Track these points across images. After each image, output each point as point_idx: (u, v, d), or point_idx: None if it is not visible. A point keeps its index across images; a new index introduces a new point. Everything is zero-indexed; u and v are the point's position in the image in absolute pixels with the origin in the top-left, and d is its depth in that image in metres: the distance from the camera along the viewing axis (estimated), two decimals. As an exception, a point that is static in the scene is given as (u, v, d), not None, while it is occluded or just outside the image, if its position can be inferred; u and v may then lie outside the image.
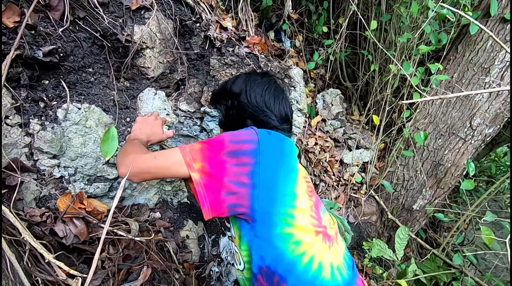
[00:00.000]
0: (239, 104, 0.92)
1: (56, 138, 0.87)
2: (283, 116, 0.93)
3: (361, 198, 2.31)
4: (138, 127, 1.03)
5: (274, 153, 0.76)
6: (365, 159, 2.49)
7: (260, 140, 0.75)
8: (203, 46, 1.52)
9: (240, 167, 0.73)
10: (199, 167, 0.73)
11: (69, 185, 0.91)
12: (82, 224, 0.77)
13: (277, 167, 0.76)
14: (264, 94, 0.90)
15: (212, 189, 0.72)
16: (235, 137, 0.77)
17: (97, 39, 1.09)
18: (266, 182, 0.73)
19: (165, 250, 1.24)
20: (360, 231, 2.50)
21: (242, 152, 0.74)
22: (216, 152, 0.74)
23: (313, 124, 2.66)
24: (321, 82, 3.24)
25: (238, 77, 0.98)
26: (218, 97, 1.00)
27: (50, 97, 0.91)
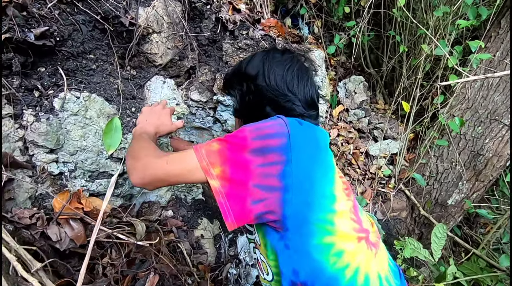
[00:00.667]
0: (256, 87, 0.77)
1: (51, 130, 0.78)
2: (308, 101, 0.78)
3: (389, 192, 2.13)
4: (144, 118, 0.93)
5: (308, 147, 0.63)
6: (393, 151, 2.29)
7: (291, 133, 0.62)
8: (215, 29, 1.40)
9: (268, 167, 0.60)
10: (218, 172, 0.61)
11: (69, 182, 0.82)
12: (79, 226, 0.68)
13: (313, 165, 0.63)
14: (286, 75, 0.76)
15: (236, 197, 0.61)
16: (260, 131, 0.63)
17: (98, 22, 0.99)
18: (301, 184, 0.61)
19: (178, 251, 1.15)
20: (388, 228, 2.32)
21: (270, 149, 0.61)
22: (237, 151, 0.62)
23: (335, 114, 2.49)
24: (343, 70, 3.04)
25: (255, 56, 0.82)
26: (232, 80, 0.86)
27: (46, 86, 0.82)
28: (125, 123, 0.96)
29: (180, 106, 1.19)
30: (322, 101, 1.49)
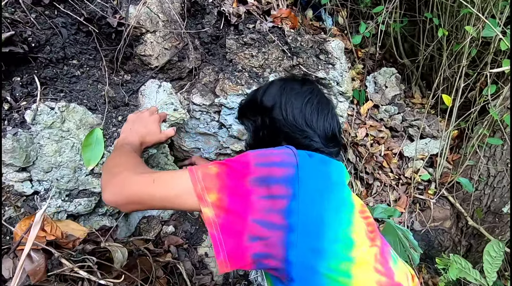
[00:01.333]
0: (272, 121, 0.70)
1: (19, 146, 0.70)
2: (329, 136, 0.71)
3: (429, 199, 1.85)
4: (128, 127, 0.83)
5: (318, 182, 0.55)
6: (433, 151, 2.00)
7: (299, 164, 0.55)
8: (218, 25, 1.27)
9: (271, 200, 0.52)
10: (214, 199, 0.53)
11: (43, 203, 0.74)
12: (40, 259, 0.59)
13: (323, 202, 0.54)
14: (305, 108, 0.69)
15: (231, 231, 0.52)
16: (265, 158, 0.56)
17: (82, 24, 0.91)
18: (308, 224, 0.52)
19: (178, 272, 1.03)
20: (429, 239, 2.04)
21: (275, 179, 0.53)
22: (238, 178, 0.54)
23: (362, 112, 2.24)
24: (372, 62, 2.75)
25: (272, 85, 0.75)
26: (246, 110, 0.79)
27: (18, 97, 0.75)
28: (109, 134, 0.87)
29: (178, 112, 1.08)
30: (343, 98, 1.29)
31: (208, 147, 1.35)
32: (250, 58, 1.21)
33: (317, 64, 1.21)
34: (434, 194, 1.91)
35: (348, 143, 1.96)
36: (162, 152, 1.11)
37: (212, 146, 1.34)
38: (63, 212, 0.76)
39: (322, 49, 1.24)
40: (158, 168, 1.10)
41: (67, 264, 0.58)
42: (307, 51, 1.21)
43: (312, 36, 1.22)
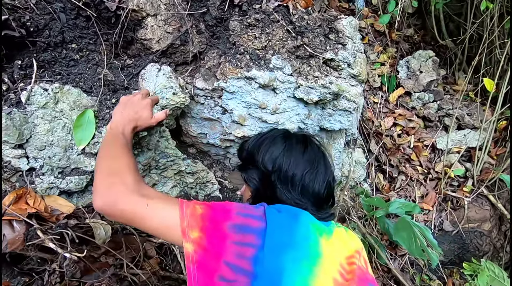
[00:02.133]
0: (270, 185, 0.74)
1: (12, 124, 0.75)
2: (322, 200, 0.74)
3: (463, 198, 1.65)
4: (120, 110, 0.84)
5: (281, 236, 0.60)
6: (472, 144, 1.76)
7: (268, 219, 0.61)
8: (223, 7, 1.23)
9: (243, 247, 0.58)
10: (195, 237, 0.59)
11: (37, 179, 0.79)
12: (21, 229, 0.63)
13: (283, 255, 0.59)
14: (305, 178, 0.72)
15: (204, 268, 0.58)
16: (245, 210, 0.63)
17: (81, 9, 0.94)
18: (269, 273, 0.57)
19: (172, 254, 1.05)
20: (463, 242, 1.83)
21: (249, 229, 0.60)
22: (219, 222, 0.60)
23: (392, 100, 2.06)
24: (407, 45, 2.50)
25: (274, 144, 0.77)
26: (246, 161, 0.81)
27: (16, 79, 0.80)
28: (102, 115, 0.89)
29: (177, 95, 1.08)
30: (355, 81, 1.18)
31: (214, 132, 1.34)
32: (253, 40, 1.16)
33: (324, 44, 1.11)
34: (470, 192, 1.70)
35: (371, 133, 1.81)
36: (162, 136, 1.12)
37: (217, 131, 1.33)
38: (55, 189, 0.81)
39: (332, 28, 1.14)
40: (158, 152, 1.11)
41: (41, 235, 0.61)
42: (314, 30, 1.12)
43: (320, 14, 1.12)
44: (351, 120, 1.25)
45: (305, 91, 1.11)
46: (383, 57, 2.31)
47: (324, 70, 1.13)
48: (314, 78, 1.09)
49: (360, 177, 1.72)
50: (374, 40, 2.41)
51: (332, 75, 1.13)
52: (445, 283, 1.66)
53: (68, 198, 0.81)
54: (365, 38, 2.39)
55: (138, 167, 0.82)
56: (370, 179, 1.74)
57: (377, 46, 2.38)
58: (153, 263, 0.95)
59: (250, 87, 1.13)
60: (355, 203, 1.54)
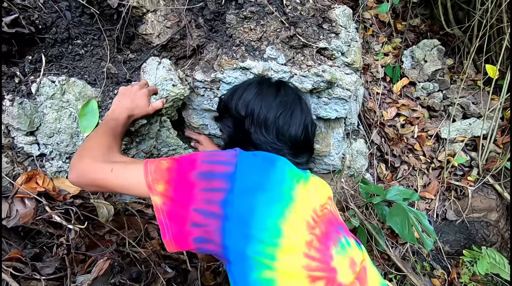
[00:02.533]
0: (244, 132, 0.75)
1: (24, 113, 0.82)
2: (300, 145, 0.75)
3: (467, 187, 1.63)
4: (118, 99, 0.91)
5: (254, 179, 0.62)
6: (477, 132, 1.74)
7: (238, 162, 0.62)
8: (220, 1, 1.27)
9: (211, 193, 0.60)
10: (162, 189, 0.61)
11: (47, 163, 0.87)
12: (32, 205, 0.70)
13: (255, 196, 0.60)
14: (277, 120, 0.72)
15: (175, 217, 0.60)
16: (210, 157, 0.65)
17: (85, 7, 1.00)
18: (240, 214, 0.59)
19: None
20: (469, 232, 1.81)
21: (216, 175, 0.61)
22: (184, 172, 0.62)
23: (395, 90, 2.05)
24: (413, 35, 2.47)
25: (247, 91, 0.78)
26: (222, 113, 0.84)
27: (27, 72, 0.88)
28: (105, 105, 0.96)
29: (177, 87, 1.13)
30: (349, 70, 1.20)
31: (214, 123, 1.39)
32: (249, 32, 1.20)
33: (318, 33, 1.14)
34: (475, 181, 1.68)
35: (373, 123, 1.82)
36: (164, 126, 1.18)
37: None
38: (63, 172, 0.88)
39: (325, 18, 1.16)
40: (159, 141, 1.18)
41: (48, 210, 0.68)
42: (308, 20, 1.14)
43: (313, 4, 1.15)
44: (347, 108, 1.27)
45: (299, 80, 1.14)
46: (388, 47, 2.30)
47: (318, 59, 1.16)
48: (307, 67, 1.13)
49: (361, 167, 1.73)
50: (378, 31, 2.39)
51: (326, 63, 1.16)
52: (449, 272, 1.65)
53: (75, 181, 0.88)
54: (369, 29, 2.38)
55: (121, 146, 0.83)
56: (372, 169, 1.75)
57: (381, 37, 2.36)
58: (155, 243, 1.01)
59: (245, 77, 1.17)
60: (356, 192, 1.56)
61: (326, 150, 1.45)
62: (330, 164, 1.53)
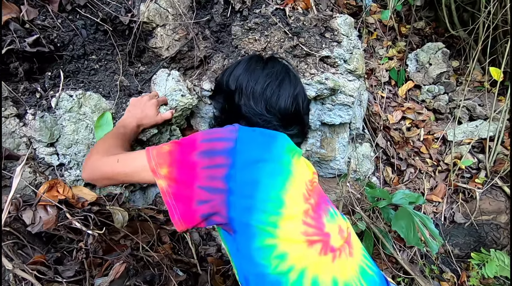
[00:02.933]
0: (234, 105, 0.75)
1: (45, 126, 0.88)
2: (290, 117, 0.75)
3: (475, 189, 1.63)
4: (129, 109, 0.96)
5: (255, 153, 0.63)
6: (484, 134, 1.74)
7: (238, 138, 0.63)
8: (225, 13, 1.33)
9: (213, 169, 0.61)
10: (165, 173, 0.63)
11: (66, 172, 0.92)
12: (54, 212, 0.75)
13: (258, 169, 0.62)
14: (265, 92, 0.73)
15: (181, 197, 0.62)
16: (209, 135, 0.66)
17: (99, 25, 1.07)
18: (243, 187, 0.61)
19: (184, 241, 1.15)
20: (478, 235, 1.80)
21: (216, 152, 0.62)
22: (186, 153, 0.64)
23: (401, 93, 2.06)
24: (418, 38, 2.48)
25: (237, 67, 0.79)
26: (214, 90, 0.85)
27: (47, 87, 0.94)
28: (119, 117, 1.01)
29: (186, 97, 1.18)
30: (352, 77, 1.23)
31: (222, 131, 1.43)
32: (254, 42, 1.24)
33: (320, 42, 1.18)
34: (483, 184, 1.67)
35: (379, 127, 1.84)
36: (173, 135, 1.23)
37: (225, 129, 1.42)
38: (81, 181, 0.94)
39: (327, 27, 1.20)
40: (169, 149, 1.23)
41: (69, 217, 0.73)
42: (310, 30, 1.18)
43: (316, 15, 1.19)
44: (351, 114, 1.30)
45: (303, 88, 1.18)
46: (392, 51, 2.31)
47: (321, 67, 1.19)
48: (310, 75, 1.16)
49: (367, 171, 1.75)
50: (382, 35, 2.42)
51: (328, 71, 1.19)
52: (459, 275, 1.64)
53: (92, 189, 0.94)
54: (373, 34, 2.40)
55: (129, 149, 0.85)
56: (378, 172, 1.77)
57: (386, 41, 2.38)
58: (167, 248, 1.05)
59: (251, 86, 1.21)
60: (362, 196, 1.58)
61: (331, 154, 1.48)
62: (335, 169, 1.56)
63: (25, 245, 0.75)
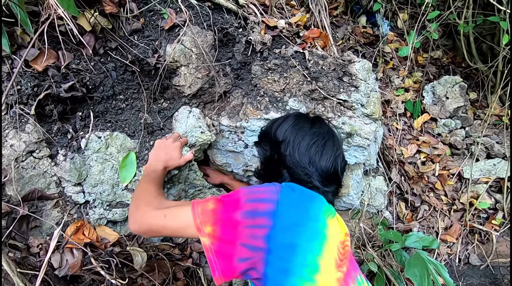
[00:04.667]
0: (280, 155, 0.81)
1: (74, 167, 0.93)
2: (329, 176, 0.80)
3: (491, 231, 1.60)
4: (154, 153, 1.01)
5: (294, 217, 0.67)
6: (502, 174, 1.71)
7: (279, 200, 0.67)
8: (246, 52, 1.37)
9: (255, 229, 0.66)
10: (209, 231, 0.67)
11: (90, 211, 0.97)
12: (79, 256, 0.79)
13: (295, 233, 0.66)
14: (310, 149, 0.79)
15: (223, 255, 0.66)
16: (252, 195, 0.70)
17: (127, 66, 1.13)
18: (282, 249, 0.65)
19: (197, 277, 1.18)
20: (494, 277, 1.75)
21: (259, 213, 0.67)
22: (229, 212, 0.68)
23: (416, 126, 2.05)
24: (435, 69, 2.48)
25: (286, 121, 0.86)
26: (261, 138, 0.92)
27: (77, 128, 1.00)
28: (142, 156, 1.06)
29: (205, 134, 1.23)
30: (369, 120, 1.25)
31: (237, 163, 1.47)
32: (273, 83, 1.28)
33: (338, 87, 1.20)
34: (500, 225, 1.64)
35: (393, 161, 1.83)
36: (191, 169, 1.27)
37: (240, 162, 1.46)
38: (104, 219, 0.98)
39: (345, 71, 1.22)
40: (187, 183, 1.26)
41: (94, 263, 0.77)
42: (329, 74, 1.21)
43: (334, 59, 1.22)
44: (366, 154, 1.31)
45: (319, 131, 1.20)
46: (408, 81, 2.31)
47: (338, 110, 1.22)
48: (327, 119, 1.19)
49: (380, 205, 1.74)
50: (399, 64, 2.42)
51: (345, 115, 1.21)
52: (473, 319, 1.60)
53: (113, 226, 0.98)
54: (389, 63, 2.41)
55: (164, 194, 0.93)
56: (391, 207, 1.76)
57: (402, 70, 2.39)
58: (180, 284, 1.08)
59: (269, 126, 1.25)
60: (374, 232, 1.57)
61: (345, 191, 1.49)
62: (348, 203, 1.56)
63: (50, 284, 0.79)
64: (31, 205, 0.86)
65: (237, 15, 1.41)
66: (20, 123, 0.89)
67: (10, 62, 0.94)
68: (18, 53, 0.95)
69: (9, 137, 0.87)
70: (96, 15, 1.03)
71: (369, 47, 2.44)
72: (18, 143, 0.87)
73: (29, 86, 0.92)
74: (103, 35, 1.10)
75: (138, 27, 1.19)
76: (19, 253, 0.76)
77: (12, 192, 0.83)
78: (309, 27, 1.74)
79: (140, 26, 1.20)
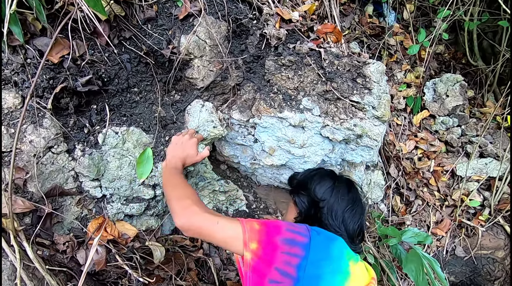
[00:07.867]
0: (317, 209, 0.90)
1: (93, 163, 0.93)
2: (355, 236, 0.90)
3: (478, 226, 1.71)
4: (172, 150, 1.01)
5: (322, 252, 0.75)
6: (493, 173, 1.81)
7: (311, 236, 0.76)
8: (260, 46, 1.35)
9: (290, 256, 0.72)
10: (254, 248, 0.73)
11: (108, 205, 0.98)
12: (103, 252, 0.81)
13: (323, 266, 0.74)
14: (345, 213, 0.89)
15: (258, 273, 0.73)
16: (291, 226, 0.78)
17: (142, 57, 1.10)
18: (309, 280, 0.72)
19: (207, 266, 1.23)
20: (475, 266, 1.90)
21: (296, 242, 0.74)
22: (272, 236, 0.74)
23: (415, 122, 2.11)
24: (437, 64, 2.50)
25: (325, 179, 0.94)
26: (299, 188, 0.98)
27: (94, 123, 0.98)
28: (157, 152, 1.06)
29: (217, 129, 1.23)
30: (378, 122, 1.28)
31: (245, 156, 1.49)
32: (286, 80, 1.28)
33: (352, 88, 1.22)
34: (486, 221, 1.76)
35: (391, 156, 1.90)
36: (202, 162, 1.28)
37: (248, 155, 1.48)
38: (121, 213, 1.00)
39: (360, 73, 1.23)
40: (197, 176, 1.28)
41: (119, 260, 0.79)
42: (343, 75, 1.22)
43: (350, 60, 1.22)
44: (372, 154, 1.35)
45: (330, 131, 1.23)
46: (410, 76, 2.34)
47: (350, 111, 1.24)
48: (340, 120, 1.21)
49: (377, 198, 1.83)
50: (402, 58, 2.43)
51: (357, 116, 1.24)
52: (453, 303, 1.75)
53: (129, 220, 1.00)
54: (393, 56, 2.42)
55: None
56: (387, 200, 1.84)
57: (404, 65, 2.41)
58: (193, 274, 1.13)
59: (281, 124, 1.26)
60: (371, 224, 1.66)
61: (347, 186, 1.55)
62: (349, 197, 1.63)
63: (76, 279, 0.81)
64: (51, 200, 0.87)
65: (251, 5, 1.37)
66: (37, 117, 0.87)
67: (24, 52, 0.90)
68: (32, 43, 0.90)
69: (27, 132, 0.85)
70: (111, 3, 0.98)
71: (374, 39, 2.43)
72: (37, 139, 0.85)
73: (45, 79, 0.89)
74: (116, 24, 1.06)
75: (152, 15, 1.15)
76: (47, 250, 0.78)
77: (33, 188, 0.83)
78: (319, 16, 1.71)
79: (154, 14, 1.15)
